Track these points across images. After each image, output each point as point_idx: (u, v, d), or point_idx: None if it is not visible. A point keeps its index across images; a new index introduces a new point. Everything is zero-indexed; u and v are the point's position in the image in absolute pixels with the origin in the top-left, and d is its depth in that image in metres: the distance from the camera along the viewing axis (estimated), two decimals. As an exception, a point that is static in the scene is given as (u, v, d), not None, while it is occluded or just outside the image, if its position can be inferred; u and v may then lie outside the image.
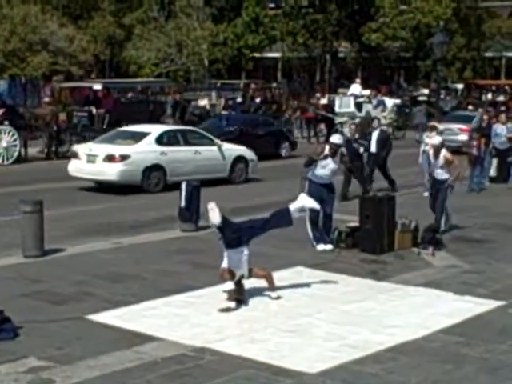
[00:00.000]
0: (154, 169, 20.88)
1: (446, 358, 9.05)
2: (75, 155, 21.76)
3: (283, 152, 30.39)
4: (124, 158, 20.54)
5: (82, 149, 21.77)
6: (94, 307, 10.69)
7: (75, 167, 21.39)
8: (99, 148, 21.19)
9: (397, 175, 21.82)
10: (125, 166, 20.51)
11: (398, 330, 9.97)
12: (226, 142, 23.84)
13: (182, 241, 15.02)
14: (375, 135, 21.39)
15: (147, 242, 14.97)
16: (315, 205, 12.33)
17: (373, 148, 21.04)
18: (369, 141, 21.03)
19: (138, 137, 21.46)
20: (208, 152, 22.49)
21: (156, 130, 22.35)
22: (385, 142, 21.55)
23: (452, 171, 15.57)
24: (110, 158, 20.53)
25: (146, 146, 21.12)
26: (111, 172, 20.46)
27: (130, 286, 11.86)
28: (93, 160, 20.93)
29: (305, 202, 11.91)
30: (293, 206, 11.66)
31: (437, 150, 15.64)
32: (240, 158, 23.27)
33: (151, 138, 21.44)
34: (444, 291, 11.75)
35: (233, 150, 23.35)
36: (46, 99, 34.99)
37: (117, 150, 20.82)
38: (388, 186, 21.29)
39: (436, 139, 16.00)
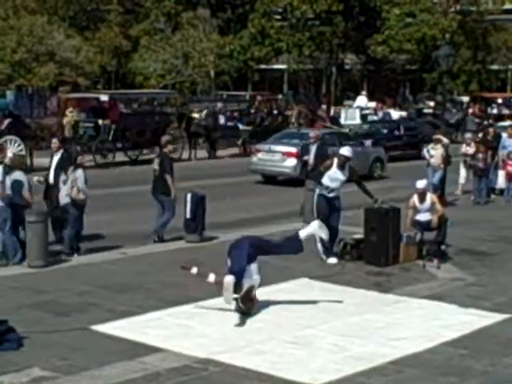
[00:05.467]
0: None
1: (451, 371, 9.02)
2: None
3: None
4: None
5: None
6: (98, 318, 10.69)
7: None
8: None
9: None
10: None
11: (402, 343, 9.95)
12: None
13: (186, 252, 15.01)
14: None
15: (152, 252, 14.98)
16: (326, 235, 12.33)
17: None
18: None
19: None
20: None
21: None
22: None
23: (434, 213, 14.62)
24: None
25: None
26: None
27: (134, 296, 11.87)
28: None
29: (317, 231, 11.93)
30: (303, 233, 11.65)
31: (422, 193, 14.76)
32: None
33: None
34: (448, 304, 11.73)
35: None
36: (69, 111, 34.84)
37: None
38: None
39: (420, 183, 14.80)
